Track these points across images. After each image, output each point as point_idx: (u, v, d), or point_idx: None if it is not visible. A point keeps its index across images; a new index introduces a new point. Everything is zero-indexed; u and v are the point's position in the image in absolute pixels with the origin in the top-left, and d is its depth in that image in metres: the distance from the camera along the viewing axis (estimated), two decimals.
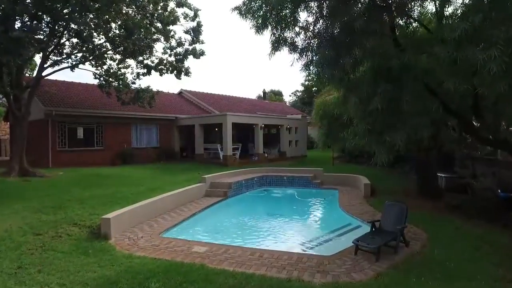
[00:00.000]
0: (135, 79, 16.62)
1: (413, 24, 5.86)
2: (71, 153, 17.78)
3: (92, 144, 18.93)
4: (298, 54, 5.25)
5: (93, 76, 16.37)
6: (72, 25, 13.14)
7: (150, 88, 17.21)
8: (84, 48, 14.95)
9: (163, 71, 16.91)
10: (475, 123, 6.64)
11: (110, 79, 16.43)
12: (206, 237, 7.67)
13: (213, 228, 8.47)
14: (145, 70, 16.58)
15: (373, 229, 6.06)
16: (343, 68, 4.93)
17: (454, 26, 3.61)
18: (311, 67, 5.09)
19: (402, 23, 5.69)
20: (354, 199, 10.83)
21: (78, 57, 16.08)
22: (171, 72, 17.11)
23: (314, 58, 5.10)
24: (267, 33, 5.16)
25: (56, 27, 13.53)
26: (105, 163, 18.69)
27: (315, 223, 9.55)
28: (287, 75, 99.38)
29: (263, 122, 21.35)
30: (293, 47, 5.25)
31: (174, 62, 16.85)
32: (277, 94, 65.49)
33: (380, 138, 4.47)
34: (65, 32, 14.19)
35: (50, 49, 14.05)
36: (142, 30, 14.32)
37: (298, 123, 25.51)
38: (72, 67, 15.35)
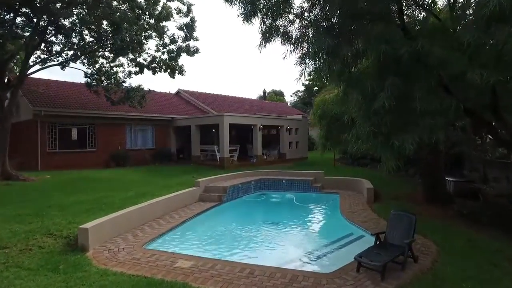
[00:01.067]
0: (126, 78, 16.02)
1: (422, 14, 5.27)
2: (62, 155, 17.22)
3: (84, 146, 18.37)
4: (292, 45, 4.63)
5: (84, 75, 15.78)
6: (57, 20, 12.46)
7: (142, 87, 16.61)
8: (75, 46, 14.37)
9: (156, 69, 16.32)
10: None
11: (102, 78, 15.85)
12: (194, 248, 7.08)
13: (203, 238, 7.87)
14: (137, 69, 15.99)
15: (378, 242, 5.45)
16: (344, 60, 4.31)
17: (483, 2, 2.98)
18: (306, 60, 4.48)
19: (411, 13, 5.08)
20: (357, 205, 10.22)
21: (68, 55, 15.55)
22: (165, 71, 16.52)
23: (310, 49, 4.47)
24: (257, 22, 4.54)
25: (40, 22, 12.89)
26: (98, 165, 18.15)
27: (314, 233, 8.89)
28: (289, 75, 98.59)
29: (262, 123, 20.74)
30: (286, 37, 4.64)
31: (167, 60, 16.24)
32: (279, 95, 64.88)
33: (387, 142, 3.86)
34: (49, 27, 13.51)
35: (34, 46, 13.43)
36: (132, 25, 13.66)
37: (299, 124, 24.89)
38: (61, 65, 14.83)
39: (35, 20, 12.72)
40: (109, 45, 14.43)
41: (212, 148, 20.42)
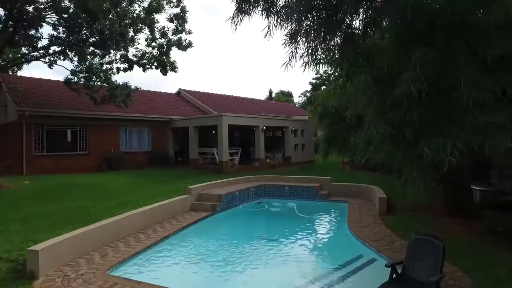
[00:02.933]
0: (110, 74, 14.89)
1: None
2: (50, 159, 16.37)
3: (75, 148, 17.51)
4: (276, 17, 3.49)
5: (70, 73, 14.83)
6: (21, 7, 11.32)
7: (129, 84, 15.60)
8: (59, 40, 13.44)
9: (147, 66, 15.31)
10: None
11: (91, 75, 14.89)
12: (172, 272, 6.02)
13: (184, 260, 6.77)
14: (126, 65, 15.01)
15: (394, 276, 4.29)
16: (349, 30, 3.14)
17: None
18: (298, 37, 3.34)
19: None
20: (367, 217, 9.04)
21: (56, 52, 14.69)
22: (157, 68, 15.51)
23: (303, 20, 3.30)
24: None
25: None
26: (90, 169, 17.25)
27: (316, 254, 7.57)
28: (298, 75, 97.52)
29: (265, 124, 19.62)
30: (268, 5, 3.49)
31: (157, 56, 15.21)
32: (287, 95, 63.68)
33: (412, 150, 2.68)
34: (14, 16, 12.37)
35: (7, 40, 12.37)
36: (108, 15, 12.41)
37: (305, 125, 23.71)
38: (49, 62, 13.94)
39: None
40: (88, 36, 13.29)
41: (211, 151, 19.37)
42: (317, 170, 18.39)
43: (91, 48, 14.65)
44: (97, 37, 12.52)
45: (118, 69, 15.27)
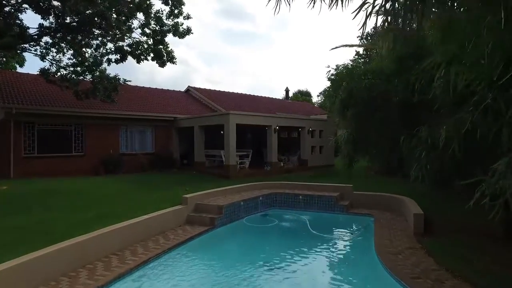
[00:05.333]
0: (94, 67, 13.57)
1: None
2: (42, 161, 15.34)
3: (69, 150, 16.45)
4: None
5: (56, 66, 13.63)
6: None
7: (118, 76, 14.27)
8: (47, 30, 12.30)
9: (141, 57, 14.01)
10: None
11: (84, 69, 13.70)
12: None
13: None
14: (118, 56, 13.75)
15: None
16: None
17: None
18: None
19: None
20: (400, 238, 7.37)
21: (48, 44, 13.61)
22: (154, 60, 14.19)
23: None
24: None
25: None
26: (86, 172, 16.16)
27: None
28: (316, 74, 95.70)
29: (278, 123, 18.02)
30: None
31: (152, 45, 13.85)
32: (305, 95, 61.94)
33: None
34: None
35: None
36: None
37: (324, 125, 21.98)
38: (40, 55, 12.85)
39: None
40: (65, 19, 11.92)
41: (219, 153, 17.95)
42: (336, 176, 16.69)
43: (84, 39, 13.45)
44: (74, 19, 11.30)
45: (110, 61, 14.04)
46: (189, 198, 9.51)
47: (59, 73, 13.65)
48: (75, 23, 11.55)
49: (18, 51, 12.92)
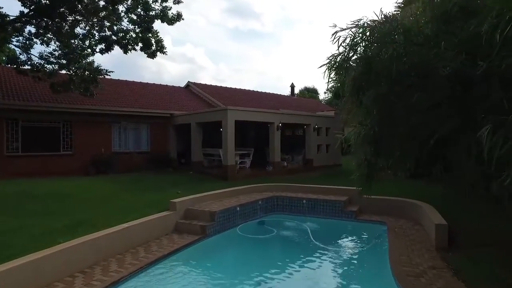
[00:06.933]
0: (80, 59, 12.58)
1: None
2: (26, 160, 14.52)
3: (57, 148, 15.60)
4: None
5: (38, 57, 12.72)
6: None
7: (100, 67, 13.23)
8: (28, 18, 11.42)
9: (129, 46, 13.04)
10: None
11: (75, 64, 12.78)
12: None
13: None
14: (103, 46, 12.80)
15: None
16: None
17: None
18: None
19: None
20: (419, 254, 6.34)
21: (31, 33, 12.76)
22: (143, 50, 13.19)
23: None
24: None
25: None
26: (74, 172, 15.31)
27: None
28: (323, 71, 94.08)
29: (281, 120, 17.00)
30: None
31: (139, 32, 12.86)
32: (311, 92, 60.72)
33: None
34: None
35: None
36: None
37: (330, 122, 20.92)
38: (23, 47, 11.97)
39: None
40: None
41: (217, 152, 16.98)
42: (344, 177, 15.61)
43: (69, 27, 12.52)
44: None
45: (94, 51, 13.11)
46: (178, 203, 8.60)
47: (32, 62, 12.67)
48: (47, 1, 10.57)
49: None
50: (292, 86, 40.06)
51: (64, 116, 15.54)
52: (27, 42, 13.05)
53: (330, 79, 4.63)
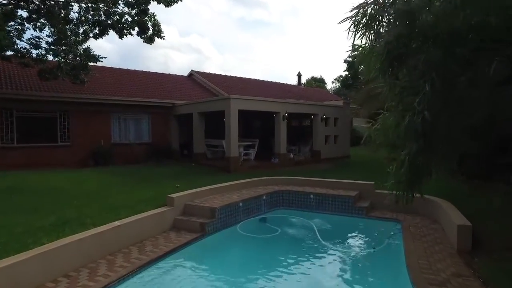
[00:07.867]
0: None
1: None
2: (21, 151, 14.12)
3: (55, 139, 15.17)
4: None
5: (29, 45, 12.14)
6: None
7: (92, 52, 12.60)
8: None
9: (124, 31, 12.41)
10: None
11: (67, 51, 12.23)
12: None
13: None
14: (97, 30, 12.18)
15: None
16: None
17: None
18: None
19: None
20: (440, 258, 5.75)
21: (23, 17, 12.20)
22: (139, 35, 12.52)
23: None
24: None
25: None
26: (72, 164, 14.92)
27: None
28: (330, 60, 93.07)
29: (287, 110, 16.36)
30: None
31: (135, 14, 12.20)
32: (319, 81, 59.77)
33: None
34: None
35: None
36: None
37: (339, 112, 20.22)
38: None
39: None
40: None
41: (221, 143, 16.45)
42: (353, 170, 15.04)
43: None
44: None
45: (87, 36, 12.51)
46: (176, 198, 8.08)
47: (16, 48, 12.08)
48: None
49: None
50: (299, 75, 39.17)
51: (60, 105, 15.07)
52: (20, 27, 12.50)
53: (354, 44, 3.60)
